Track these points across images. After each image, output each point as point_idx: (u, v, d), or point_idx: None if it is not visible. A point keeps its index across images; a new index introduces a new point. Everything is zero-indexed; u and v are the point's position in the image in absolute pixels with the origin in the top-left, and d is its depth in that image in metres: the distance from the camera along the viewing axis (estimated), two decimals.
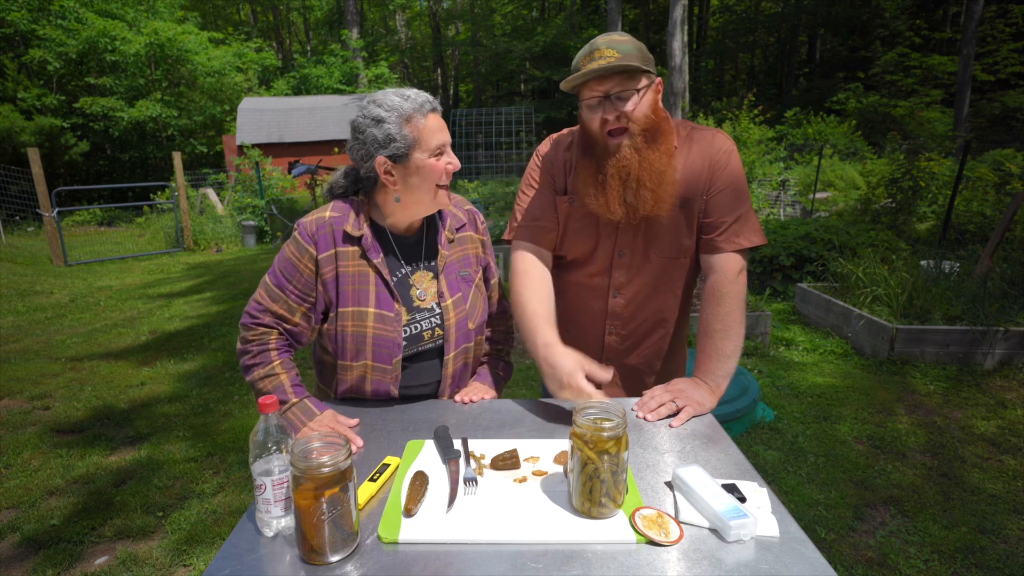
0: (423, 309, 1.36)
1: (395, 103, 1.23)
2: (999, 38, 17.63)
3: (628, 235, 1.42)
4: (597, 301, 1.49)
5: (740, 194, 1.39)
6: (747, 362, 4.21)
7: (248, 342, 1.31)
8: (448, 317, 1.37)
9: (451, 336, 1.38)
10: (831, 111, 18.04)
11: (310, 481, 0.80)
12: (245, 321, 1.32)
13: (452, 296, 1.39)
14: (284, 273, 1.31)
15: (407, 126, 1.22)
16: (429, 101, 1.25)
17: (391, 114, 1.22)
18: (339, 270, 1.30)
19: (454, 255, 1.43)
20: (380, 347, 1.31)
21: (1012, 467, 2.80)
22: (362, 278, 1.31)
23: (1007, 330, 3.88)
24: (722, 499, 0.90)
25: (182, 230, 10.50)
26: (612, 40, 1.27)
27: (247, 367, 1.31)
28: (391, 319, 1.31)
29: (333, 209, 1.33)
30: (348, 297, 1.30)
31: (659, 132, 1.33)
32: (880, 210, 7.56)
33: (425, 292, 1.37)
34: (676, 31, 11.86)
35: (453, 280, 1.41)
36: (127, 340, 5.19)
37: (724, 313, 1.35)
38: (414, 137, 1.23)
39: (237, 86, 19.43)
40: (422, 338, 1.36)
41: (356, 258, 1.31)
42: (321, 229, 1.30)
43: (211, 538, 2.40)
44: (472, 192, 12.17)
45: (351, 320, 1.30)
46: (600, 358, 1.52)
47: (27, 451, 3.15)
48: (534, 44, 24.21)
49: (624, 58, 1.24)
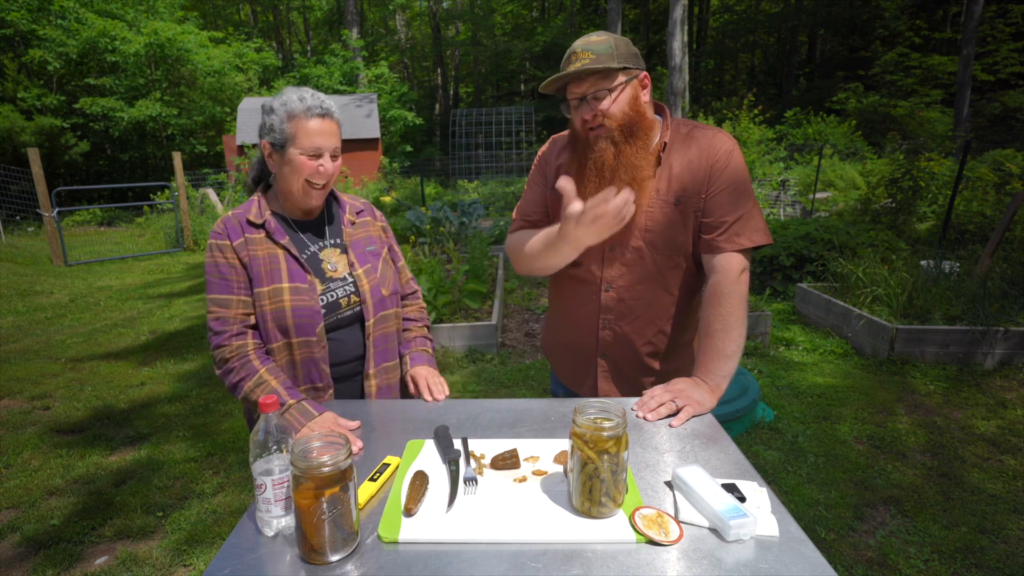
0: (336, 279, 1.45)
1: (289, 99, 1.35)
2: (999, 38, 17.65)
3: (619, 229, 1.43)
4: (590, 295, 1.50)
5: (742, 194, 1.39)
6: (747, 362, 4.21)
7: (226, 361, 1.34)
8: (362, 284, 1.47)
9: (368, 301, 1.47)
10: (831, 111, 18.05)
11: (310, 481, 0.80)
12: (215, 342, 1.35)
13: (362, 266, 1.49)
14: (221, 276, 1.37)
15: (288, 123, 1.34)
16: (322, 107, 1.35)
17: (281, 108, 1.34)
18: (250, 254, 1.39)
19: (358, 234, 1.54)
20: (300, 317, 1.37)
21: (1012, 467, 2.80)
22: (272, 259, 1.40)
23: (1007, 330, 3.88)
24: (722, 499, 0.90)
25: (182, 230, 10.50)
26: (588, 43, 1.33)
27: (234, 385, 1.33)
28: (306, 290, 1.39)
29: (235, 209, 1.45)
30: (262, 277, 1.38)
31: (638, 127, 1.36)
32: (880, 210, 7.56)
33: (336, 264, 1.47)
34: (676, 31, 11.86)
35: (360, 254, 1.51)
36: (127, 340, 5.19)
37: (725, 313, 1.35)
38: (291, 133, 1.34)
39: (237, 86, 19.43)
40: (340, 305, 1.44)
41: (264, 242, 1.40)
42: (228, 223, 1.40)
43: (211, 538, 2.40)
44: (472, 192, 12.18)
45: (268, 299, 1.37)
46: (595, 353, 1.53)
47: (27, 451, 3.15)
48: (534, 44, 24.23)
49: (597, 59, 1.30)
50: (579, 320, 1.54)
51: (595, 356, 1.53)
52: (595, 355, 1.53)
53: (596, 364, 1.54)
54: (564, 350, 1.62)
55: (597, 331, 1.51)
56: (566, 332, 1.60)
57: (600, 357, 1.53)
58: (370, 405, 1.39)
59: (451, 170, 20.02)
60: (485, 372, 4.14)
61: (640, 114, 1.37)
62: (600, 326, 1.50)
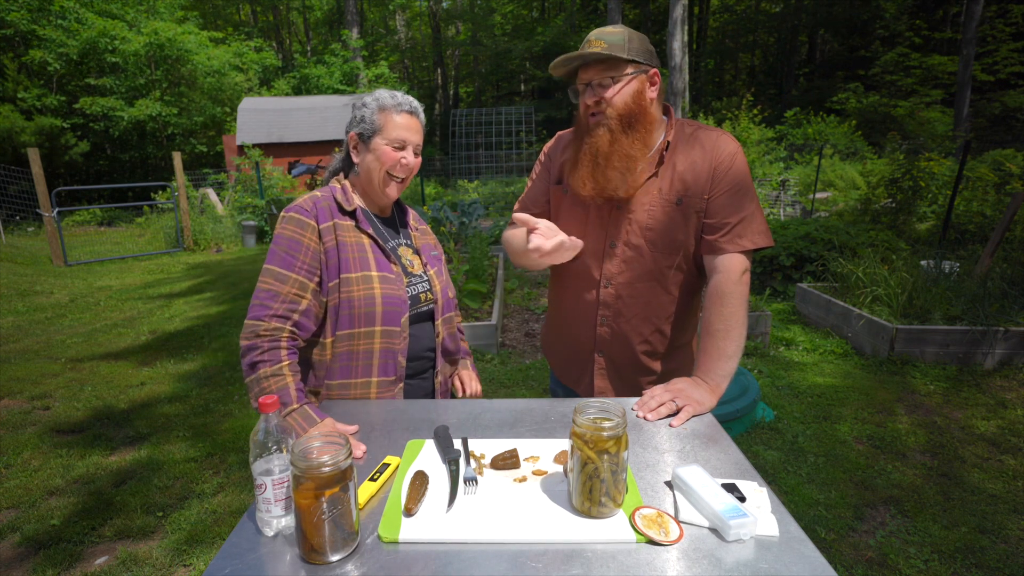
0: (415, 275, 1.51)
1: (381, 95, 1.43)
2: (999, 38, 17.64)
3: (620, 226, 1.44)
4: (588, 290, 1.51)
5: (744, 196, 1.40)
6: (747, 362, 4.21)
7: (258, 336, 1.27)
8: (435, 284, 1.54)
9: (439, 301, 1.53)
10: (831, 111, 18.05)
11: (310, 480, 0.80)
12: (257, 314, 1.29)
13: (432, 268, 1.56)
14: (289, 252, 1.34)
15: (379, 114, 1.41)
16: (411, 105, 1.43)
17: (373, 102, 1.42)
18: (339, 239, 1.39)
19: (422, 239, 1.63)
20: (389, 305, 1.40)
21: (1012, 467, 2.80)
22: (360, 247, 1.41)
23: (1007, 330, 3.88)
24: (722, 499, 0.90)
25: (182, 230, 10.50)
26: (603, 32, 1.36)
27: (253, 364, 1.27)
28: (393, 280, 1.42)
29: (322, 191, 1.46)
30: (351, 263, 1.38)
31: (638, 121, 1.38)
32: (880, 210, 7.56)
33: (412, 262, 1.53)
34: (676, 31, 11.87)
35: (429, 256, 1.59)
36: (127, 340, 5.19)
37: (726, 314, 1.36)
38: (380, 124, 1.41)
39: (237, 86, 19.44)
40: (420, 300, 1.48)
41: (352, 229, 1.42)
42: (318, 203, 1.40)
43: (211, 538, 2.40)
44: (472, 192, 12.17)
45: (357, 285, 1.37)
46: (592, 350, 1.54)
47: (27, 451, 3.15)
48: (534, 44, 24.22)
49: (608, 49, 1.33)
50: (577, 316, 1.55)
51: (592, 352, 1.54)
52: (592, 351, 1.54)
53: (593, 361, 1.54)
54: (562, 346, 1.63)
55: (595, 327, 1.52)
56: (564, 328, 1.61)
57: (597, 353, 1.53)
58: (370, 405, 1.39)
59: (451, 170, 20.02)
60: (485, 372, 4.14)
61: (642, 108, 1.38)
62: (598, 322, 1.51)
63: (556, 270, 1.61)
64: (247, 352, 1.28)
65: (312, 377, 1.44)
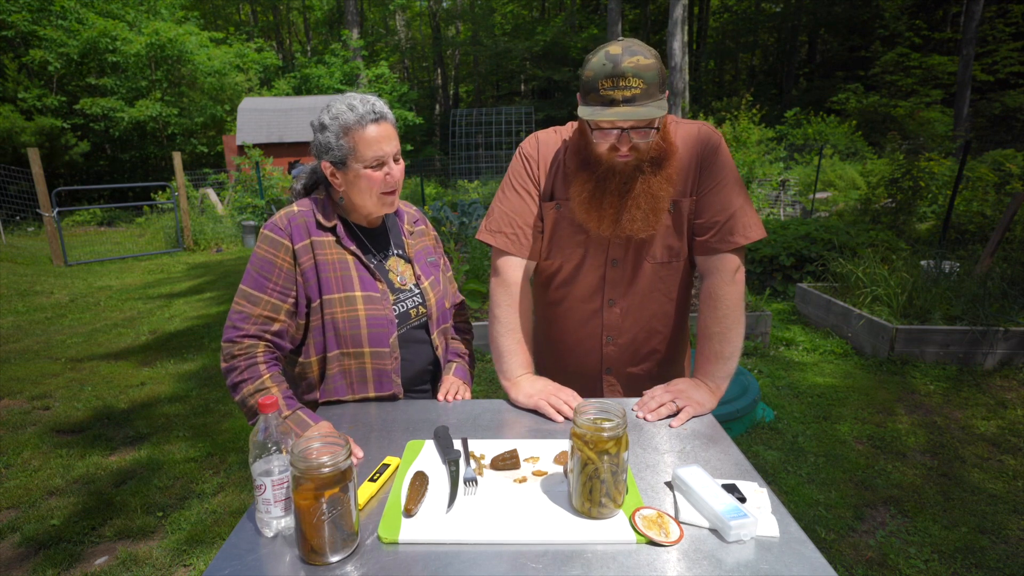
0: (404, 290, 1.44)
1: (339, 112, 1.27)
2: (999, 38, 17.64)
3: (620, 244, 1.39)
4: (593, 313, 1.46)
5: (731, 190, 1.34)
6: (747, 362, 4.21)
7: (234, 357, 1.27)
8: (428, 297, 1.47)
9: (434, 314, 1.47)
10: (831, 111, 18.03)
11: (310, 481, 0.80)
12: (230, 336, 1.28)
13: (427, 279, 1.49)
14: (261, 273, 1.30)
15: (344, 137, 1.27)
16: (374, 111, 1.28)
17: (333, 123, 1.28)
18: (317, 259, 1.33)
19: (417, 244, 1.53)
20: (374, 327, 1.35)
21: (1012, 467, 2.80)
22: (343, 265, 1.35)
23: (1007, 330, 3.88)
24: (722, 499, 0.90)
25: (182, 230, 10.50)
26: (638, 65, 1.15)
27: (235, 384, 1.26)
28: (379, 299, 1.36)
29: (299, 205, 1.37)
30: (332, 284, 1.33)
31: (664, 159, 1.30)
32: (880, 210, 7.56)
33: (403, 275, 1.46)
34: (676, 31, 11.87)
35: (423, 265, 1.51)
36: (127, 340, 5.19)
37: (722, 316, 1.34)
38: (350, 147, 1.27)
39: (238, 86, 19.44)
40: (409, 316, 1.43)
41: (332, 246, 1.35)
42: (293, 221, 1.33)
43: (211, 538, 2.40)
44: (472, 192, 12.17)
45: (340, 307, 1.33)
46: (600, 369, 1.50)
47: (27, 451, 3.15)
48: (534, 44, 24.21)
49: (647, 91, 1.16)
50: (582, 337, 1.50)
51: (600, 374, 1.51)
52: (600, 372, 1.51)
53: (602, 380, 1.52)
54: (565, 377, 1.46)
55: (601, 347, 1.48)
56: (568, 354, 1.54)
57: (605, 373, 1.51)
58: (369, 406, 1.39)
59: (451, 170, 20.02)
60: (485, 372, 4.14)
61: (670, 143, 1.31)
62: (604, 342, 1.48)
63: (555, 292, 1.50)
64: (227, 374, 1.28)
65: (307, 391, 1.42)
